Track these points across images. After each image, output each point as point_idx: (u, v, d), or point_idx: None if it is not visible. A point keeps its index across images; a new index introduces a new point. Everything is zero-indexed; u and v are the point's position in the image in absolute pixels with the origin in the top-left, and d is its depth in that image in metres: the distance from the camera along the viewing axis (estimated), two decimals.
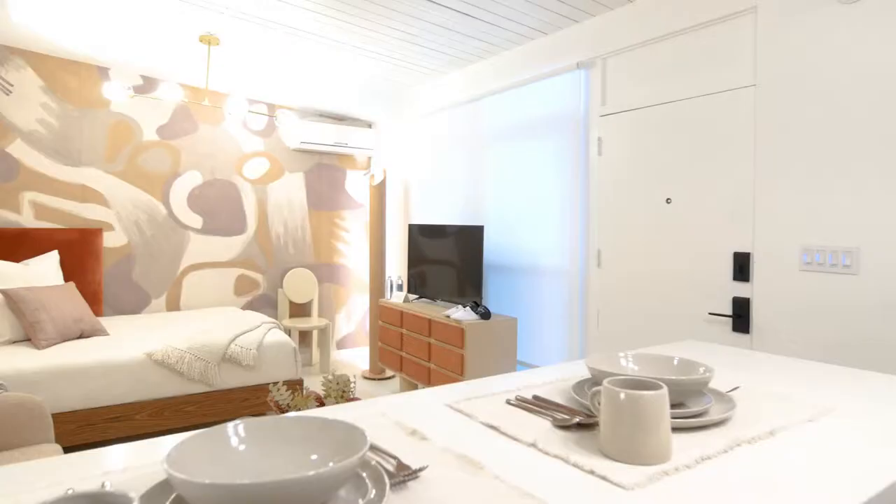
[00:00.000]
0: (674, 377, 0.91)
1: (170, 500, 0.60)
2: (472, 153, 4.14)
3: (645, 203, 2.91)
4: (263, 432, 0.68)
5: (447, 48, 3.70)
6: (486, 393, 1.07)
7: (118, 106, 4.17)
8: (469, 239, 3.75)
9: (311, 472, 0.56)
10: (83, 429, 2.95)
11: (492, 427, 0.89)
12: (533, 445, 0.81)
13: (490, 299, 3.99)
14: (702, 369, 0.98)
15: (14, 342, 3.23)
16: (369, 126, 5.33)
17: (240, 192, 4.71)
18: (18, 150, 3.84)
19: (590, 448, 0.80)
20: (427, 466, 0.73)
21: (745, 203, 2.49)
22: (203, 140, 4.52)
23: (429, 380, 3.74)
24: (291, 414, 0.77)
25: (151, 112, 4.30)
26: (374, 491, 0.63)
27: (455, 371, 3.50)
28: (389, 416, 0.93)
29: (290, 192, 4.96)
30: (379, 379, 4.60)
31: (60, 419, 2.89)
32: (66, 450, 2.82)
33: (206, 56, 3.81)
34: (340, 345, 5.32)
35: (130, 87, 4.20)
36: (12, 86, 3.79)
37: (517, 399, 1.02)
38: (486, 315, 3.51)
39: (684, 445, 0.81)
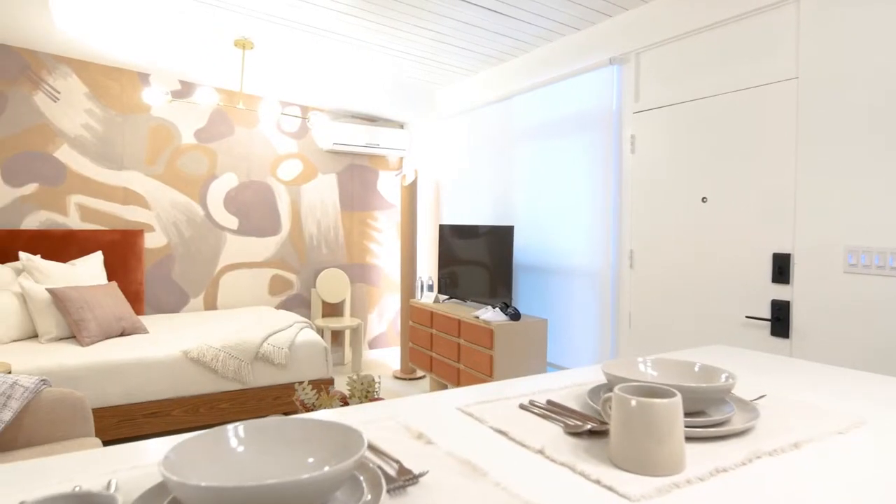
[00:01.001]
0: (692, 384, 0.87)
1: (167, 501, 0.60)
2: (503, 152, 4.10)
3: (679, 202, 2.83)
4: (263, 434, 0.68)
5: (477, 46, 3.68)
6: (500, 397, 1.05)
7: (158, 110, 4.31)
8: (499, 239, 3.72)
9: (305, 476, 0.55)
10: (123, 423, 3.05)
11: (500, 432, 0.87)
12: (540, 452, 0.79)
13: (520, 300, 3.94)
14: (724, 376, 0.93)
15: (60, 339, 3.36)
16: (401, 126, 5.35)
17: (274, 193, 4.80)
18: (65, 154, 4.00)
19: (600, 457, 0.77)
20: (427, 472, 0.71)
21: (785, 201, 2.38)
22: (239, 143, 4.63)
23: (458, 380, 3.73)
24: (299, 415, 0.77)
25: (189, 116, 4.43)
26: (369, 495, 0.62)
27: (484, 372, 3.47)
28: (399, 419, 0.92)
29: (322, 193, 5.03)
30: (410, 379, 4.61)
31: (101, 414, 2.99)
32: (106, 443, 2.93)
33: (240, 60, 3.89)
34: (372, 344, 5.36)
35: (168, 92, 4.33)
36: (59, 93, 3.96)
37: (530, 403, 1.00)
38: (515, 316, 3.47)
39: (700, 456, 0.77)
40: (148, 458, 0.78)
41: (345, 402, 2.03)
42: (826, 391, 1.10)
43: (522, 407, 0.99)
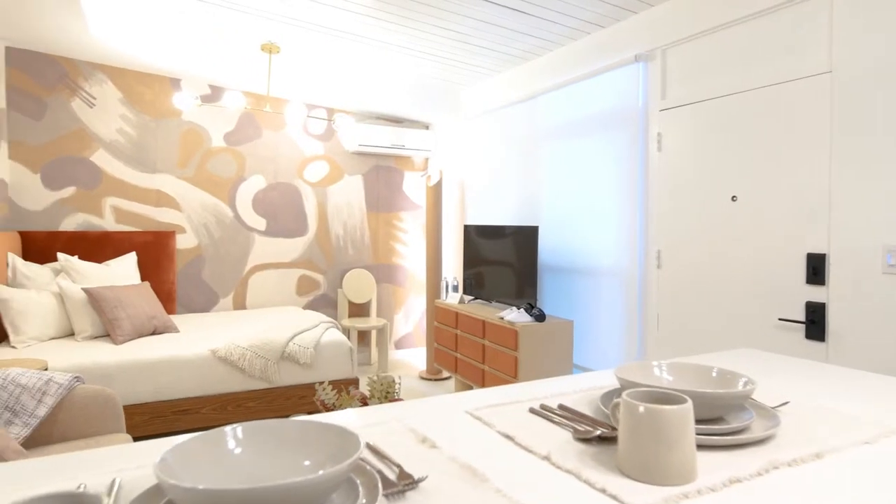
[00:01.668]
0: (708, 390, 0.83)
1: (163, 502, 0.60)
2: (528, 152, 4.07)
3: (708, 201, 2.75)
4: (261, 436, 0.68)
5: (500, 46, 3.65)
6: (512, 400, 1.03)
7: (188, 115, 4.41)
8: (523, 239, 3.68)
9: (299, 479, 0.55)
10: (153, 420, 3.12)
11: (507, 437, 0.85)
12: (546, 458, 0.77)
13: (546, 301, 3.90)
14: (742, 382, 0.89)
15: (95, 337, 3.47)
16: (426, 127, 5.35)
17: (301, 194, 4.86)
18: (101, 158, 4.13)
19: (607, 464, 0.75)
20: (426, 477, 0.70)
21: (819, 200, 2.29)
22: (266, 145, 4.70)
23: (483, 382, 3.71)
24: (304, 417, 0.76)
25: (219, 119, 4.52)
26: (364, 500, 0.62)
27: (509, 374, 3.45)
28: (406, 422, 0.91)
29: (348, 195, 5.07)
30: (435, 380, 4.61)
31: (133, 410, 3.07)
32: (136, 439, 3.00)
33: (267, 64, 3.95)
34: (399, 345, 5.38)
35: (198, 97, 4.43)
36: (95, 99, 4.08)
37: (541, 408, 0.98)
38: (540, 317, 3.43)
39: (713, 466, 0.74)
40: (138, 459, 0.79)
41: (364, 402, 2.03)
42: (858, 398, 1.05)
43: (533, 411, 0.97)
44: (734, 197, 2.63)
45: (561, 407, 0.98)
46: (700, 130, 2.79)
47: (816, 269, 2.30)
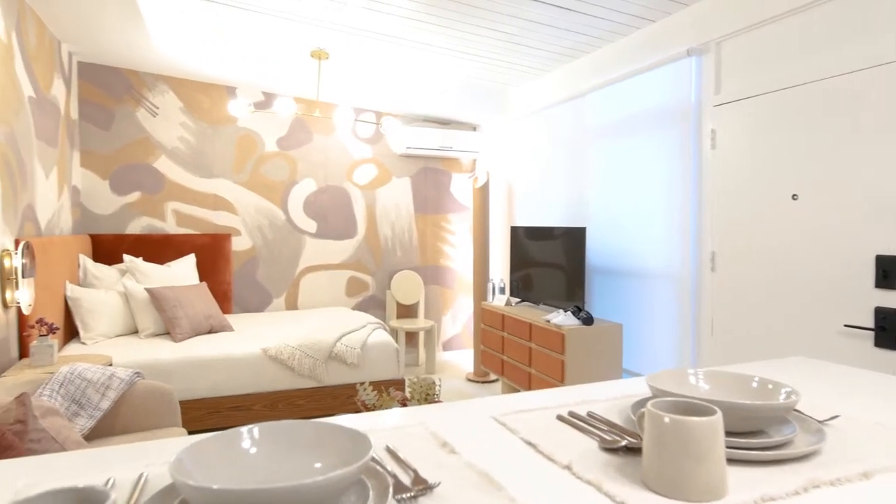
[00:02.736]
0: (745, 401, 0.79)
1: (177, 501, 0.62)
2: (575, 151, 3.99)
3: (766, 200, 2.61)
4: (276, 437, 0.69)
5: (547, 45, 3.60)
6: (540, 406, 1.00)
7: (243, 121, 4.57)
8: (571, 241, 3.61)
9: (308, 481, 0.55)
10: (209, 415, 3.25)
11: (530, 444, 0.83)
12: (568, 468, 0.74)
13: (594, 304, 3.81)
14: (784, 393, 0.84)
15: (156, 335, 3.64)
16: (473, 129, 5.34)
17: (350, 197, 4.95)
18: (163, 165, 4.34)
19: (632, 476, 0.72)
20: (440, 483, 0.69)
21: (890, 198, 2.13)
22: (317, 149, 4.82)
23: (529, 385, 3.66)
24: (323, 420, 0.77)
25: (272, 125, 4.67)
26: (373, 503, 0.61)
27: (555, 377, 3.39)
28: (428, 426, 0.91)
29: (397, 197, 5.12)
30: (482, 382, 4.59)
31: (190, 406, 3.21)
32: (192, 433, 3.13)
33: (317, 70, 4.04)
34: (446, 346, 5.39)
35: (251, 104, 4.59)
36: (158, 108, 4.30)
37: (569, 415, 0.95)
38: (588, 320, 3.36)
39: (747, 482, 0.69)
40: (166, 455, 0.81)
41: (404, 404, 2.04)
42: None
43: (560, 418, 0.94)
44: (795, 195, 2.48)
45: (590, 414, 0.95)
46: (758, 126, 2.65)
47: (887, 271, 2.14)
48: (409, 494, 0.67)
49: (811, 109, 2.41)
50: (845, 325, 2.28)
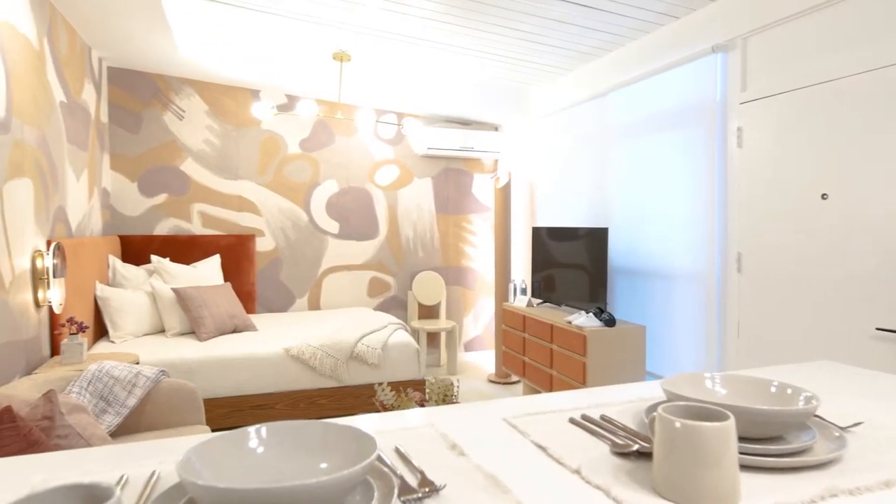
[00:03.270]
0: (762, 406, 0.76)
1: (184, 500, 0.63)
2: (597, 151, 3.94)
3: (794, 199, 2.55)
4: (283, 437, 0.69)
5: (569, 44, 3.57)
6: (553, 409, 0.99)
7: (267, 123, 4.64)
8: (593, 241, 3.57)
9: (310, 481, 0.55)
10: (232, 414, 3.30)
11: (540, 447, 0.82)
12: (577, 472, 0.73)
13: (617, 305, 3.76)
14: (803, 398, 0.81)
15: (182, 334, 3.72)
16: (495, 129, 5.33)
17: (372, 198, 4.98)
18: (189, 167, 4.43)
19: (642, 482, 0.70)
20: (445, 485, 0.69)
21: None
22: (339, 151, 4.86)
23: (550, 386, 3.63)
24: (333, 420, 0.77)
25: (295, 127, 4.72)
26: None
27: (577, 379, 3.35)
28: (439, 427, 0.90)
29: (418, 197, 5.14)
30: (504, 383, 4.57)
31: (214, 404, 3.26)
32: (215, 431, 3.18)
33: (338, 72, 4.08)
34: (468, 347, 5.38)
35: (274, 106, 4.65)
36: (184, 112, 4.39)
37: (582, 418, 0.93)
38: (610, 322, 3.31)
39: (761, 490, 0.67)
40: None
41: (422, 404, 2.04)
42: None
43: (573, 421, 0.93)
44: (825, 195, 2.42)
45: (603, 418, 0.93)
46: (786, 123, 2.58)
47: None
48: (414, 496, 0.66)
49: (842, 105, 2.34)
50: (877, 329, 2.20)
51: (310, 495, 0.55)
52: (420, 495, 0.67)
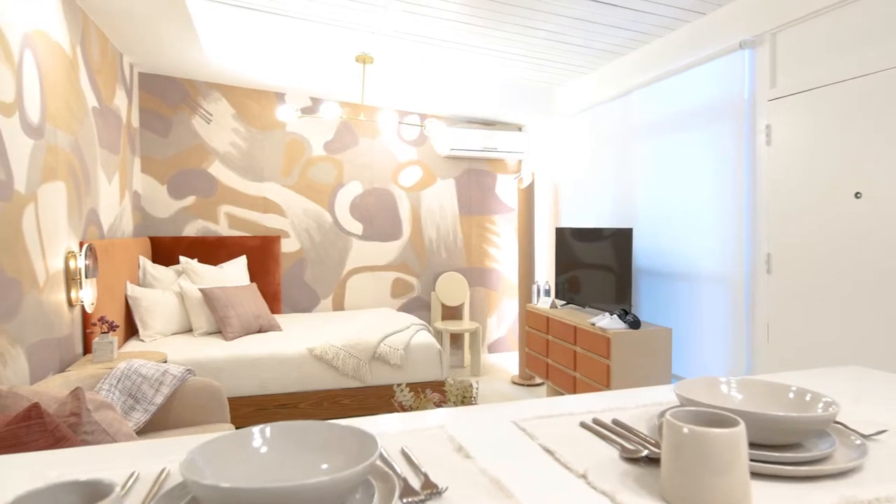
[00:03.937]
0: (779, 412, 0.74)
1: (186, 500, 0.64)
2: (622, 151, 3.89)
3: (826, 198, 2.47)
4: (287, 437, 0.69)
5: (593, 42, 3.53)
6: (564, 412, 0.98)
7: (292, 126, 4.70)
8: (617, 242, 3.52)
9: (310, 481, 0.55)
10: (257, 413, 3.35)
11: (548, 451, 0.81)
12: (583, 477, 0.72)
13: (642, 307, 3.70)
14: (822, 405, 0.78)
15: (209, 333, 3.79)
16: (519, 129, 5.30)
17: (395, 199, 5.00)
18: (216, 169, 4.51)
19: (650, 488, 0.68)
20: (448, 487, 0.68)
21: None
22: (362, 152, 4.89)
23: (574, 389, 3.59)
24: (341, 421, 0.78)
25: (319, 129, 4.77)
26: None
27: (601, 382, 3.31)
28: (447, 429, 0.90)
29: (441, 198, 5.14)
30: (528, 385, 4.53)
31: (239, 402, 3.31)
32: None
33: (361, 74, 4.11)
34: (492, 348, 5.36)
35: (298, 109, 4.71)
36: (212, 115, 4.48)
37: (593, 422, 0.92)
38: (634, 324, 3.26)
39: (774, 498, 0.65)
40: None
41: (440, 405, 2.04)
42: None
43: (583, 425, 0.91)
44: (858, 193, 2.34)
45: (615, 422, 0.91)
46: (816, 120, 2.51)
47: None
48: (416, 498, 0.66)
49: (874, 101, 2.26)
50: None
51: (309, 495, 0.56)
52: (422, 497, 0.66)
